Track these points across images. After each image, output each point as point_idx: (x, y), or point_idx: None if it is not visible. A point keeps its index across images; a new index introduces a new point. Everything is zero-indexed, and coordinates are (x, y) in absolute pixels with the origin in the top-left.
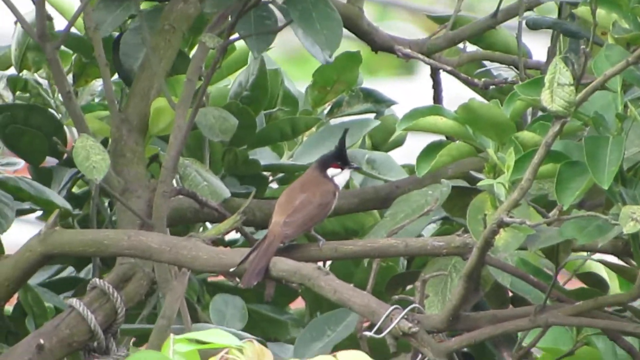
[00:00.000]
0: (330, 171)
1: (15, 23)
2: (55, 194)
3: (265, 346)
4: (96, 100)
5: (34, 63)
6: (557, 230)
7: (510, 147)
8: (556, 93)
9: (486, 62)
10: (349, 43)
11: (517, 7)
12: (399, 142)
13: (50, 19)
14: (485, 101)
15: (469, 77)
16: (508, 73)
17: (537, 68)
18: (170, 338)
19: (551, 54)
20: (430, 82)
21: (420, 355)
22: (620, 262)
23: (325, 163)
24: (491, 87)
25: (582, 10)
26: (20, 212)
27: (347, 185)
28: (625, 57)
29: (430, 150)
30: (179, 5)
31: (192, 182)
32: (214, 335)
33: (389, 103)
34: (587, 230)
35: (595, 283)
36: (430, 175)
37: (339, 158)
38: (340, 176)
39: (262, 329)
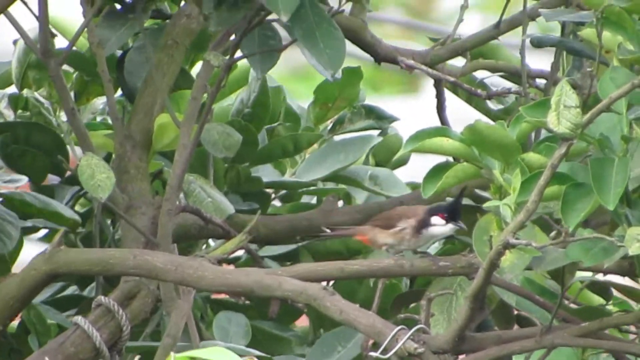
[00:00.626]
0: (434, 219)
1: (15, 43)
2: (62, 205)
3: None
4: (98, 119)
5: (34, 81)
6: (562, 252)
7: (516, 169)
8: (563, 115)
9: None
10: (349, 60)
11: (520, 18)
12: (403, 161)
13: (53, 36)
14: (486, 117)
15: (472, 88)
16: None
17: (541, 77)
18: (172, 356)
19: (554, 69)
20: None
21: None
22: (626, 282)
23: (435, 209)
24: (493, 97)
25: (587, 32)
26: (25, 231)
27: (349, 202)
28: (630, 79)
29: (437, 172)
30: (181, 20)
31: (197, 198)
32: (216, 353)
33: (391, 119)
34: (593, 251)
35: (599, 290)
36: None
37: (449, 211)
38: (439, 228)
39: (265, 346)
